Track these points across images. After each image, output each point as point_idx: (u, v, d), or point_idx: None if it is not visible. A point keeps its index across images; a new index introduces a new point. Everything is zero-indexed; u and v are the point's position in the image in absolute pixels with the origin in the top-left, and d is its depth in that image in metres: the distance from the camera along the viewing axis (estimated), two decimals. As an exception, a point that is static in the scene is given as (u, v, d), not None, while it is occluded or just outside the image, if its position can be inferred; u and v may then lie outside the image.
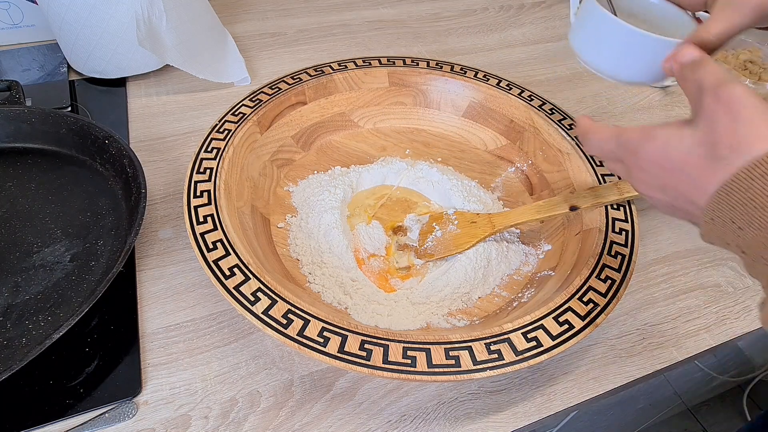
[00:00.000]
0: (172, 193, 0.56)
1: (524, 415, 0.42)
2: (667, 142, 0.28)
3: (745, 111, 0.25)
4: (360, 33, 0.84)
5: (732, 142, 0.25)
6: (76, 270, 0.46)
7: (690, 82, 0.30)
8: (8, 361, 0.39)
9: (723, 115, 0.26)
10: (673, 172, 0.28)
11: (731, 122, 0.25)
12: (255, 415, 0.40)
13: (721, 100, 0.26)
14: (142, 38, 0.61)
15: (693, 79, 0.29)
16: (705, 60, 0.29)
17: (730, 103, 0.26)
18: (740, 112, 0.25)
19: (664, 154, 0.29)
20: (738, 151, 0.25)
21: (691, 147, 0.27)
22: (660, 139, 0.29)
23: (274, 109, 0.56)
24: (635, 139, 0.31)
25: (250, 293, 0.39)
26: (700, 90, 0.28)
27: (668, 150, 0.28)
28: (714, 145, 0.26)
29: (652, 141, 0.29)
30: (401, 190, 0.57)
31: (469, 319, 0.46)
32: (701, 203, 0.27)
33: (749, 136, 0.25)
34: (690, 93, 0.30)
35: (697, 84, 0.29)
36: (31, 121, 0.56)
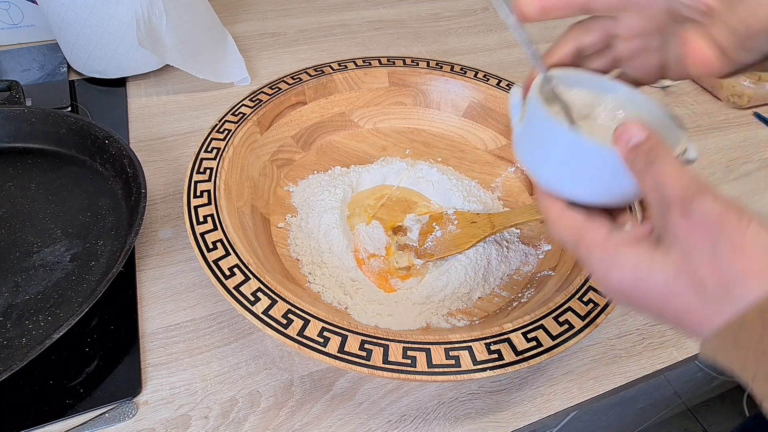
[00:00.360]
0: (172, 193, 0.56)
1: (524, 415, 0.42)
2: (636, 270, 0.25)
3: (724, 238, 0.22)
4: (360, 33, 0.84)
5: (720, 279, 0.22)
6: (76, 270, 0.46)
7: (647, 180, 0.26)
8: (8, 361, 0.39)
9: (699, 242, 0.23)
10: (652, 302, 0.25)
11: (711, 252, 0.22)
12: (255, 415, 0.40)
13: (693, 223, 0.23)
14: (142, 38, 0.61)
15: (651, 180, 0.25)
16: (657, 146, 0.26)
17: (704, 226, 0.23)
18: (718, 241, 0.22)
19: (635, 284, 0.25)
20: (732, 292, 0.22)
21: (668, 279, 0.24)
22: (627, 266, 0.25)
23: (274, 109, 0.56)
24: (595, 261, 0.27)
25: (250, 293, 0.39)
26: (663, 200, 0.24)
27: (639, 281, 0.25)
28: (699, 282, 0.23)
29: (617, 269, 0.26)
30: (401, 190, 0.57)
31: (469, 319, 0.46)
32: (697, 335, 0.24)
33: (738, 272, 0.22)
34: (649, 195, 0.26)
35: (656, 188, 0.25)
36: (31, 121, 0.56)
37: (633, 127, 0.27)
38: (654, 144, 0.26)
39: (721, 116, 0.74)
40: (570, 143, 0.30)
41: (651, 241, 0.25)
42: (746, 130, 0.73)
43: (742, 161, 0.68)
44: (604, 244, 0.26)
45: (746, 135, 0.72)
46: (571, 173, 0.31)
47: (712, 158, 0.67)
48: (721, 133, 0.71)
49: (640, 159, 0.26)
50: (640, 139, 0.26)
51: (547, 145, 0.31)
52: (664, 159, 0.25)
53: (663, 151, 0.25)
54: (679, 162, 0.25)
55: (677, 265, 0.23)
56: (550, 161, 0.31)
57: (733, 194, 0.63)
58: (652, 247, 0.25)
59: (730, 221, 0.22)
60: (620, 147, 0.27)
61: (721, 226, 0.22)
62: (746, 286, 0.22)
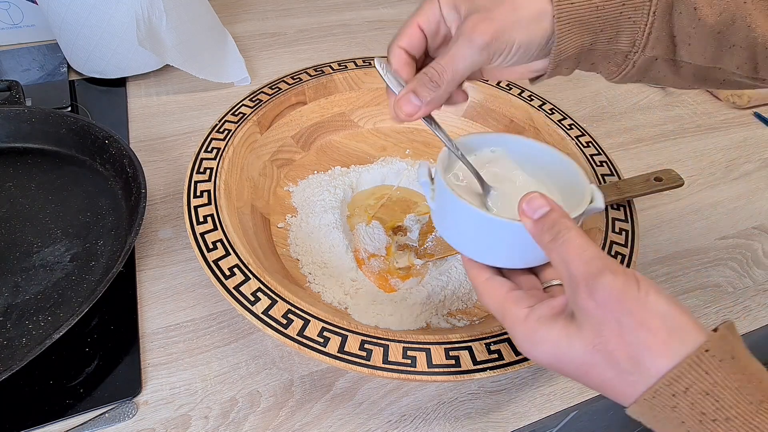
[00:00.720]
0: (172, 193, 0.56)
1: (524, 415, 0.42)
2: (557, 347, 0.27)
3: (628, 314, 0.24)
4: (360, 33, 0.84)
5: (628, 354, 0.25)
6: (76, 270, 0.46)
7: (553, 256, 0.28)
8: (8, 361, 0.39)
9: (606, 320, 0.25)
10: (575, 374, 0.27)
11: (618, 329, 0.25)
12: (255, 415, 0.40)
13: (598, 301, 0.25)
14: (142, 38, 0.61)
15: (556, 256, 0.27)
16: (559, 220, 0.28)
17: (608, 304, 0.25)
18: (622, 319, 0.24)
19: (558, 359, 0.27)
20: (641, 365, 0.24)
21: (584, 355, 0.26)
22: (548, 343, 0.27)
23: (274, 109, 0.56)
24: (519, 336, 0.29)
25: (250, 293, 0.39)
26: (571, 277, 0.26)
27: (561, 356, 0.27)
28: (611, 356, 0.25)
29: (540, 345, 0.28)
30: (401, 190, 0.57)
31: (469, 319, 0.46)
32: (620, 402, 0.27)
33: (643, 347, 0.24)
34: (558, 270, 0.27)
35: (562, 264, 0.27)
36: (31, 121, 0.56)
37: (536, 201, 0.29)
38: (556, 218, 0.28)
39: (721, 116, 0.74)
40: (479, 221, 0.31)
41: (566, 315, 0.28)
42: (746, 130, 0.73)
43: (742, 161, 0.68)
44: (525, 322, 0.29)
45: (746, 135, 0.72)
46: (487, 246, 0.33)
47: (712, 158, 0.68)
48: (721, 133, 0.71)
49: (546, 234, 0.28)
50: (542, 213, 0.28)
51: (460, 222, 0.33)
52: (568, 233, 0.27)
53: (564, 226, 0.27)
54: (582, 236, 0.27)
55: (591, 341, 0.26)
56: (466, 236, 0.34)
57: (733, 194, 0.63)
58: (567, 322, 0.27)
59: (630, 296, 0.24)
60: (525, 222, 0.29)
61: (622, 304, 0.24)
62: (652, 360, 0.24)
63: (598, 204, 0.32)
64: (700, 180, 0.64)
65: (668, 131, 0.71)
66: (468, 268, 0.34)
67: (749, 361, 0.24)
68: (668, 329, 0.24)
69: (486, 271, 0.33)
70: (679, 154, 0.68)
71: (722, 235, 0.58)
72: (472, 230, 0.33)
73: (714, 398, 0.23)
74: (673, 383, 0.24)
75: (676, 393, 0.24)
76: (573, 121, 0.58)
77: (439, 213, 0.35)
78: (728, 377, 0.23)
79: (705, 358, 0.23)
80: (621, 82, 0.36)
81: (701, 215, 0.60)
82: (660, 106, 0.75)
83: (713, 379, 0.23)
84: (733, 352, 0.24)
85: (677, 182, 0.51)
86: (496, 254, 0.33)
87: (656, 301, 0.25)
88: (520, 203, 0.29)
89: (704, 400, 0.23)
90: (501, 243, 0.32)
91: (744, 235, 0.58)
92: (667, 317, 0.24)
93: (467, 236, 0.33)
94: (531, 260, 0.33)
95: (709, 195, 0.63)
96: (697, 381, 0.23)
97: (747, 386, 0.23)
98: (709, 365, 0.23)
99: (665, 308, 0.25)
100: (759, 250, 0.57)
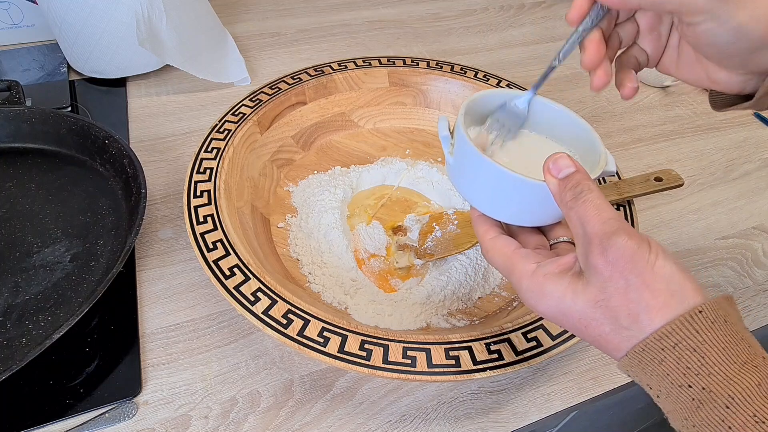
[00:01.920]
0: (172, 193, 0.56)
1: (524, 415, 0.42)
2: (562, 301, 0.28)
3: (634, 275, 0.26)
4: (360, 33, 0.84)
5: (629, 311, 0.26)
6: (76, 270, 0.46)
7: (572, 215, 0.28)
8: (8, 361, 0.39)
9: (614, 278, 0.26)
10: (575, 327, 0.28)
11: (624, 287, 0.26)
12: (255, 415, 0.40)
13: (609, 260, 0.26)
14: (142, 38, 0.61)
15: (575, 215, 0.28)
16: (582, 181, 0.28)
17: (618, 264, 0.26)
18: (629, 278, 0.26)
19: (561, 312, 0.28)
20: (638, 322, 0.26)
21: (587, 309, 0.27)
22: (553, 296, 0.28)
23: (274, 109, 0.56)
24: (525, 289, 0.30)
25: (250, 293, 0.39)
26: (585, 235, 0.27)
27: (564, 310, 0.28)
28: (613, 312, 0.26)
29: (545, 298, 0.29)
30: (401, 190, 0.57)
31: (469, 319, 0.46)
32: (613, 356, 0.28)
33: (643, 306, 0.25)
34: (573, 227, 0.28)
35: (579, 223, 0.28)
36: (31, 121, 0.56)
37: (562, 161, 0.29)
38: (580, 179, 0.29)
39: (721, 116, 0.74)
40: (499, 177, 0.32)
41: (574, 272, 0.29)
42: (746, 130, 0.73)
43: (742, 161, 0.68)
44: (532, 276, 0.30)
45: (746, 135, 0.72)
46: (503, 203, 0.33)
47: (712, 158, 0.67)
48: (721, 133, 0.71)
49: (567, 193, 0.29)
50: (568, 173, 0.29)
51: (478, 177, 0.33)
52: (590, 194, 0.28)
53: (587, 187, 0.28)
54: (601, 198, 0.28)
55: (595, 296, 0.27)
56: (482, 191, 0.34)
57: (733, 194, 0.63)
58: (575, 279, 0.28)
59: (641, 258, 0.26)
60: (549, 180, 0.30)
61: (632, 264, 0.26)
62: (650, 318, 0.25)
63: (611, 167, 0.33)
64: (700, 180, 0.64)
65: (668, 131, 0.71)
66: (477, 224, 0.35)
67: (740, 328, 0.25)
68: (670, 291, 0.25)
69: (495, 229, 0.34)
70: (679, 154, 0.68)
71: (722, 235, 0.58)
72: (491, 186, 0.33)
73: (700, 354, 0.24)
74: (663, 338, 0.25)
75: (665, 347, 0.25)
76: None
77: (456, 167, 0.36)
78: (716, 337, 0.24)
79: (698, 317, 0.25)
80: None
81: (701, 215, 0.60)
82: (660, 106, 0.75)
83: (702, 337, 0.24)
84: (726, 317, 0.25)
85: (677, 182, 0.51)
86: (511, 211, 0.34)
87: (663, 265, 0.26)
88: (547, 162, 0.30)
89: (690, 356, 0.24)
90: (518, 200, 0.33)
91: (744, 235, 0.58)
92: (672, 280, 0.25)
93: (484, 192, 0.34)
94: (543, 219, 0.34)
95: (709, 195, 0.63)
96: (687, 338, 0.24)
97: (734, 348, 0.24)
98: (701, 325, 0.24)
99: (670, 271, 0.26)
100: (759, 250, 0.57)
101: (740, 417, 0.23)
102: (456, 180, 0.36)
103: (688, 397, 0.24)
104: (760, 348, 0.25)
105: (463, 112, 0.35)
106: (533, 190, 0.31)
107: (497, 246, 0.33)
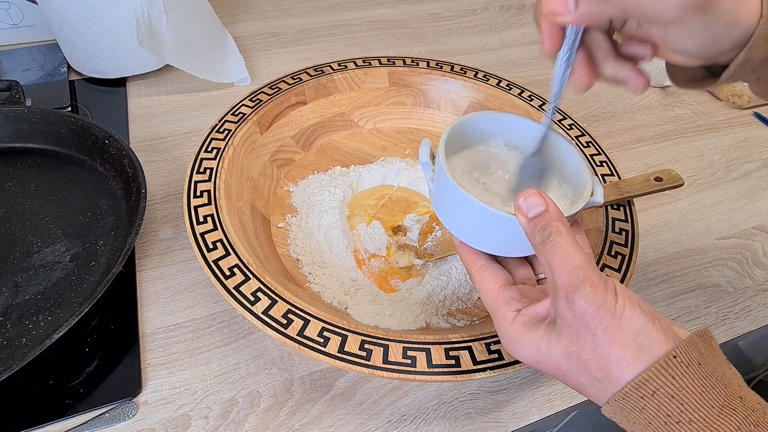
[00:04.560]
0: (172, 193, 0.56)
1: (524, 415, 0.42)
2: (538, 352, 0.29)
3: (602, 329, 0.26)
4: (360, 33, 0.84)
5: (600, 365, 0.26)
6: (76, 270, 0.46)
7: (541, 258, 0.28)
8: (8, 361, 0.39)
9: (582, 331, 0.26)
10: (555, 375, 0.29)
11: (592, 342, 0.26)
12: (255, 415, 0.40)
13: (576, 313, 0.26)
14: (142, 38, 0.61)
15: (543, 260, 0.28)
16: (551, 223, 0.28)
17: (585, 318, 0.26)
18: (596, 333, 0.26)
19: (538, 361, 0.29)
20: (611, 374, 0.26)
21: (562, 360, 0.28)
22: (530, 347, 0.29)
23: (274, 109, 0.56)
24: (504, 336, 0.31)
25: (250, 293, 0.39)
26: (554, 284, 0.28)
27: (541, 359, 0.29)
28: (585, 365, 0.27)
29: (523, 347, 0.30)
30: (401, 190, 0.57)
31: (469, 319, 0.46)
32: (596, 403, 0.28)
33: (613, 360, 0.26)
34: (545, 272, 0.29)
35: (549, 269, 0.28)
36: (31, 121, 0.56)
37: (533, 198, 0.29)
38: (549, 220, 0.28)
39: (721, 116, 0.74)
40: (475, 210, 0.32)
41: (550, 320, 0.29)
42: (746, 130, 0.73)
43: (742, 161, 0.68)
44: (511, 324, 0.30)
45: (746, 135, 0.72)
46: (482, 235, 0.33)
47: (712, 158, 0.67)
48: (721, 133, 0.71)
49: (537, 234, 0.28)
50: (538, 212, 0.28)
51: (457, 208, 0.33)
52: (558, 238, 0.28)
53: (555, 230, 0.28)
54: (570, 242, 0.27)
55: (567, 348, 0.27)
56: (462, 223, 0.34)
57: (733, 194, 0.63)
58: (549, 328, 0.29)
59: (607, 311, 0.26)
60: (520, 219, 0.29)
61: (598, 319, 0.26)
62: (620, 372, 0.26)
63: (597, 198, 0.33)
64: (700, 180, 0.64)
65: (668, 131, 0.71)
66: (462, 252, 0.35)
67: (717, 368, 0.25)
68: (638, 345, 0.26)
69: (480, 258, 0.34)
70: (679, 154, 0.68)
71: (722, 235, 0.58)
72: (468, 218, 0.33)
73: (679, 402, 0.24)
74: (641, 386, 0.25)
75: (644, 395, 0.25)
76: (573, 121, 0.58)
77: (437, 195, 0.36)
78: (693, 382, 0.25)
79: (672, 363, 0.25)
80: None
81: (701, 215, 0.60)
82: (660, 106, 0.75)
83: (679, 383, 0.25)
84: (700, 358, 0.25)
85: (677, 182, 0.51)
86: (490, 242, 0.34)
87: (631, 316, 0.26)
88: (518, 199, 0.29)
89: (670, 403, 0.25)
90: (496, 233, 0.33)
91: (744, 235, 0.58)
92: (640, 332, 0.26)
93: (463, 222, 0.34)
94: (524, 251, 0.33)
95: (709, 195, 0.63)
96: (664, 385, 0.25)
97: (710, 391, 0.24)
98: (676, 370, 0.25)
99: (638, 323, 0.26)
100: (759, 250, 0.57)
101: None
102: (437, 207, 0.36)
103: None
104: (738, 386, 0.25)
105: (445, 138, 0.34)
106: (510, 224, 0.31)
107: (484, 278, 0.33)
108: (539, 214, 0.28)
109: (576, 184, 0.34)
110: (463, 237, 0.35)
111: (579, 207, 0.32)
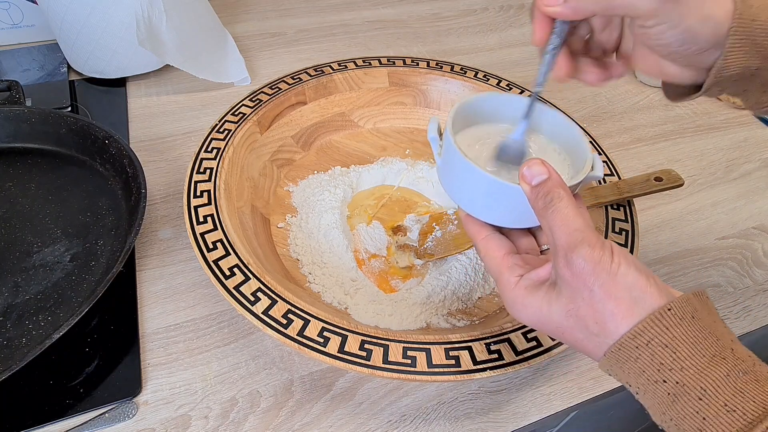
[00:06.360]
0: (172, 193, 0.56)
1: (524, 415, 0.42)
2: (539, 312, 0.30)
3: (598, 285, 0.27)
4: (360, 33, 0.84)
5: (596, 320, 0.27)
6: (76, 270, 0.46)
7: (543, 223, 0.30)
8: (8, 361, 0.39)
9: (579, 289, 0.28)
10: (554, 334, 0.30)
11: (589, 298, 0.27)
12: (255, 415, 0.40)
13: (574, 271, 0.27)
14: (142, 38, 0.61)
15: (545, 224, 0.29)
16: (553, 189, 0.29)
17: (582, 275, 0.27)
18: (593, 289, 0.27)
19: (540, 321, 0.30)
20: (607, 329, 0.27)
21: (561, 318, 0.29)
22: (532, 308, 0.30)
23: (274, 109, 0.56)
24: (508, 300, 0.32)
25: (250, 293, 0.39)
26: (554, 246, 0.29)
27: (542, 319, 0.30)
28: (582, 321, 0.28)
29: (525, 309, 0.31)
30: (401, 190, 0.57)
31: (469, 319, 0.46)
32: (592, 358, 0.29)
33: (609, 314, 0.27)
34: (547, 237, 0.30)
35: (549, 232, 0.29)
36: (31, 121, 0.56)
37: (536, 167, 0.30)
38: (551, 186, 0.29)
39: (721, 116, 0.74)
40: (483, 182, 0.33)
41: (550, 282, 0.30)
42: (746, 130, 0.73)
43: (742, 161, 0.68)
44: (515, 289, 0.32)
45: (746, 135, 0.72)
46: (488, 205, 0.34)
47: (712, 158, 0.67)
48: (721, 133, 0.71)
49: (539, 200, 0.30)
50: (540, 180, 0.30)
51: (463, 181, 0.34)
52: (559, 203, 0.29)
53: (557, 195, 0.29)
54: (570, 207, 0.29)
55: (566, 306, 0.29)
56: (468, 194, 0.35)
57: (733, 194, 0.63)
58: (550, 289, 0.30)
59: (603, 268, 0.27)
60: (523, 186, 0.31)
61: (595, 275, 0.27)
62: (615, 325, 0.27)
63: (597, 172, 0.34)
64: (700, 180, 0.64)
65: (668, 131, 0.71)
66: (467, 224, 0.36)
67: (710, 323, 0.26)
68: (633, 299, 0.27)
69: (485, 229, 0.35)
70: (679, 154, 0.68)
71: (722, 235, 0.58)
72: (474, 189, 0.34)
73: (671, 350, 0.26)
74: (637, 336, 0.26)
75: (639, 345, 0.26)
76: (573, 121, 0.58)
77: (444, 169, 0.36)
78: (686, 333, 0.26)
79: (666, 315, 0.26)
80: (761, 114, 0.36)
81: (701, 215, 0.60)
82: (660, 106, 0.75)
83: (672, 333, 0.26)
84: (695, 313, 0.26)
85: (677, 182, 0.51)
86: (495, 213, 0.35)
87: (626, 272, 0.27)
88: (522, 168, 0.30)
89: (663, 352, 0.26)
90: (501, 204, 0.34)
91: (744, 235, 0.58)
92: (634, 287, 0.27)
93: (469, 194, 0.35)
94: (528, 222, 0.34)
95: (709, 195, 0.63)
96: (658, 335, 0.26)
97: (702, 342, 0.26)
98: (669, 322, 0.26)
99: (633, 279, 0.27)
100: (759, 250, 0.57)
101: (713, 407, 0.24)
102: (444, 181, 0.37)
103: (664, 392, 0.26)
104: (730, 340, 0.26)
105: (453, 114, 0.35)
106: (514, 193, 0.31)
107: (489, 248, 0.34)
108: (542, 182, 0.30)
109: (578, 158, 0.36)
110: (469, 209, 0.36)
111: (580, 178, 0.33)
